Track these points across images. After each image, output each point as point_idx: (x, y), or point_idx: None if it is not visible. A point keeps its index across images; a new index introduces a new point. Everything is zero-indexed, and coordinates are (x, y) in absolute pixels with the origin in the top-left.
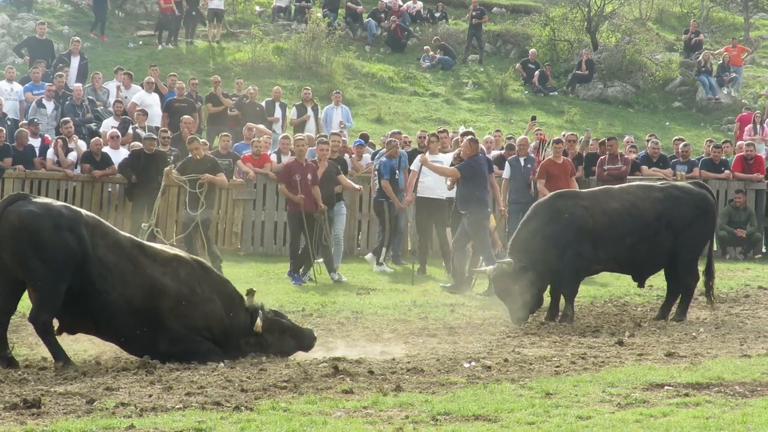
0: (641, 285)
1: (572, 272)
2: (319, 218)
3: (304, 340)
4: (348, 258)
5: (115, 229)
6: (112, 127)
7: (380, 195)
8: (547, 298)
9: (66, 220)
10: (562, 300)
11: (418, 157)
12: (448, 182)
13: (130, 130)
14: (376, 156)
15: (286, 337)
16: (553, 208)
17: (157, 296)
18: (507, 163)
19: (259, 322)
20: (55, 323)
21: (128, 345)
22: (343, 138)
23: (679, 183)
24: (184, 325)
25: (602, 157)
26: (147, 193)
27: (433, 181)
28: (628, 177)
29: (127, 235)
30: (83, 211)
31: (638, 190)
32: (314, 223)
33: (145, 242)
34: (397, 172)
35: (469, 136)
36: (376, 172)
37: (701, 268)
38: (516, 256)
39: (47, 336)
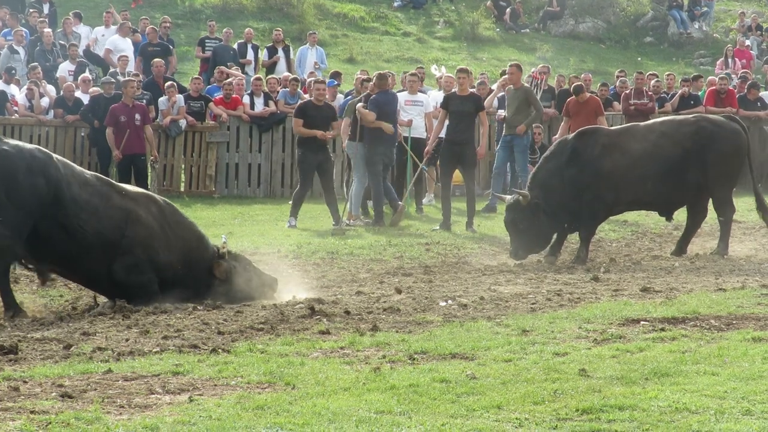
0: (669, 219)
1: (590, 214)
2: (149, 162)
3: (266, 287)
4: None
5: (83, 169)
6: (69, 70)
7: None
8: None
9: (39, 163)
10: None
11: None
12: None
13: (87, 73)
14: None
15: (249, 284)
16: (572, 148)
17: (129, 224)
18: (497, 100)
19: (222, 267)
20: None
21: (97, 283)
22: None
23: (711, 116)
24: (148, 257)
25: (627, 92)
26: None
27: (417, 121)
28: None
29: (94, 174)
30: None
31: (664, 127)
32: (143, 165)
33: (113, 181)
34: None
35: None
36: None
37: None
38: (534, 192)
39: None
